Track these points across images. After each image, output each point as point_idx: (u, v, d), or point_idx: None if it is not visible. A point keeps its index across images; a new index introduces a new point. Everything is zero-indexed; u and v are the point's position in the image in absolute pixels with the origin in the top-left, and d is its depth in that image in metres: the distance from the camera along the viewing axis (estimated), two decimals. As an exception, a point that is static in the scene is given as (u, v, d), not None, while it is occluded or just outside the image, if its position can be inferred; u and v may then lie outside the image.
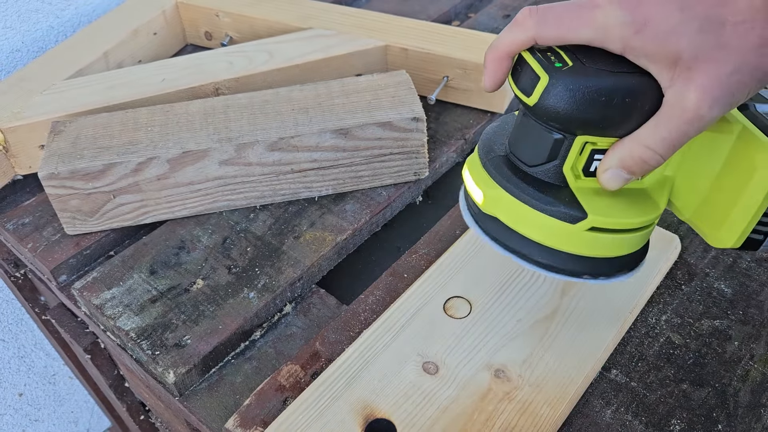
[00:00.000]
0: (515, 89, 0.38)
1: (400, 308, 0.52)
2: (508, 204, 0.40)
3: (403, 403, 0.46)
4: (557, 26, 0.36)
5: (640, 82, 0.35)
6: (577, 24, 0.35)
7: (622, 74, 0.35)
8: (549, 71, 0.35)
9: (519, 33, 0.37)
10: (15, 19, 0.79)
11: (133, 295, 0.56)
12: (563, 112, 0.36)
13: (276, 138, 0.59)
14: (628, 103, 0.35)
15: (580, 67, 0.35)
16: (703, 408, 0.47)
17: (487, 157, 0.42)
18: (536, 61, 0.36)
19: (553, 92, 0.35)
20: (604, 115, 0.35)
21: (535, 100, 0.36)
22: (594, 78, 0.35)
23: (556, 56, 0.36)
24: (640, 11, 0.34)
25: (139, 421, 0.80)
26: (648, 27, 0.34)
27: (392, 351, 0.49)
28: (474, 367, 0.48)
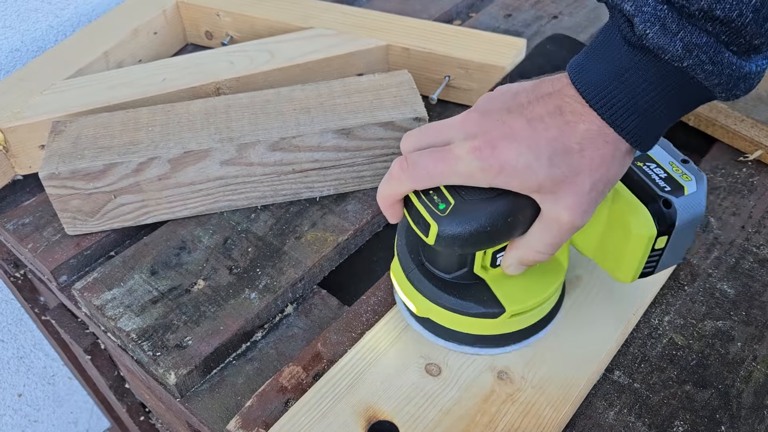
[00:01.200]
0: (414, 227, 0.43)
1: (399, 314, 0.52)
2: (438, 311, 0.47)
3: (406, 405, 0.46)
4: (429, 178, 0.40)
5: (514, 202, 0.40)
6: (445, 174, 0.40)
7: (498, 199, 0.40)
8: (435, 218, 0.40)
9: (396, 186, 0.42)
10: (14, 18, 0.78)
11: (134, 295, 0.56)
12: (458, 245, 0.41)
13: (277, 138, 0.58)
14: (510, 221, 0.40)
15: (461, 204, 0.40)
16: (706, 409, 0.47)
17: (408, 268, 0.48)
18: (422, 206, 0.41)
19: (444, 235, 0.40)
20: (492, 236, 0.40)
21: (432, 241, 0.41)
22: (474, 213, 0.39)
23: (439, 195, 0.41)
24: (495, 158, 0.38)
25: (139, 422, 0.80)
26: (505, 169, 0.38)
27: (395, 353, 0.49)
28: (477, 369, 0.48)
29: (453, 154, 0.39)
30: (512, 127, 0.38)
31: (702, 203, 0.43)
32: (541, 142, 0.37)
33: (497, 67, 0.68)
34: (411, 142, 0.42)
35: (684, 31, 0.34)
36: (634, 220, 0.42)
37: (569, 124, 0.37)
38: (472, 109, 0.41)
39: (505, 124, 0.38)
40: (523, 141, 0.38)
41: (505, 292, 0.46)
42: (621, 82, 0.36)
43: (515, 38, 0.71)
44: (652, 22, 0.34)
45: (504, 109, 0.39)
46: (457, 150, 0.39)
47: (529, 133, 0.38)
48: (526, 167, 0.38)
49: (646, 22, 0.34)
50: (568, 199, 0.39)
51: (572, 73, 0.38)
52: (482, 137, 0.38)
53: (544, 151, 0.37)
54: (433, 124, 0.42)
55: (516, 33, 0.83)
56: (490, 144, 0.38)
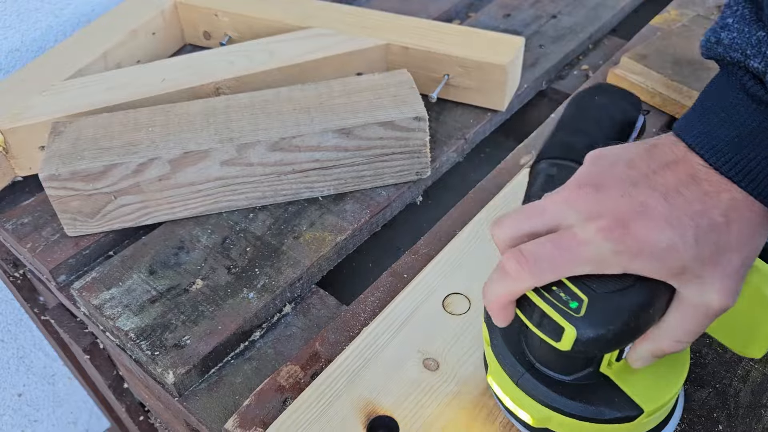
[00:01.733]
0: (537, 332, 0.37)
1: (399, 306, 0.52)
2: (561, 420, 0.41)
3: (405, 399, 0.46)
4: (552, 271, 0.34)
5: (653, 291, 0.35)
6: (571, 265, 0.34)
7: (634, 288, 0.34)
8: (571, 321, 0.34)
9: (513, 285, 0.36)
10: (14, 18, 0.78)
11: (133, 295, 0.56)
12: (599, 348, 0.35)
13: (277, 138, 0.58)
14: (651, 313, 0.35)
15: (597, 301, 0.34)
16: (703, 408, 0.47)
17: (517, 377, 0.41)
18: (550, 306, 0.35)
19: (584, 339, 0.34)
20: (635, 332, 0.35)
21: (567, 347, 0.35)
22: (615, 309, 0.34)
23: (565, 291, 0.35)
24: (630, 238, 0.33)
25: (139, 422, 0.80)
26: (644, 252, 0.33)
27: (393, 348, 0.49)
28: (474, 363, 0.48)
29: (578, 239, 0.34)
30: (645, 202, 0.33)
31: None
32: (684, 218, 0.33)
33: (496, 66, 0.68)
34: (508, 231, 0.37)
35: None
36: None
37: (710, 195, 0.33)
38: (580, 183, 0.36)
39: (635, 199, 0.33)
40: (662, 218, 0.33)
41: (635, 390, 0.40)
42: (755, 145, 0.33)
43: (514, 37, 0.71)
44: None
45: (626, 181, 0.34)
46: (581, 233, 0.34)
47: (666, 209, 0.33)
48: (670, 248, 0.33)
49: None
50: (718, 281, 0.33)
51: (690, 139, 0.34)
52: (609, 216, 0.33)
53: (689, 228, 0.33)
54: (529, 206, 0.37)
55: (515, 32, 0.84)
56: (621, 223, 0.33)
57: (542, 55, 0.80)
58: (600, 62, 0.82)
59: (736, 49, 0.34)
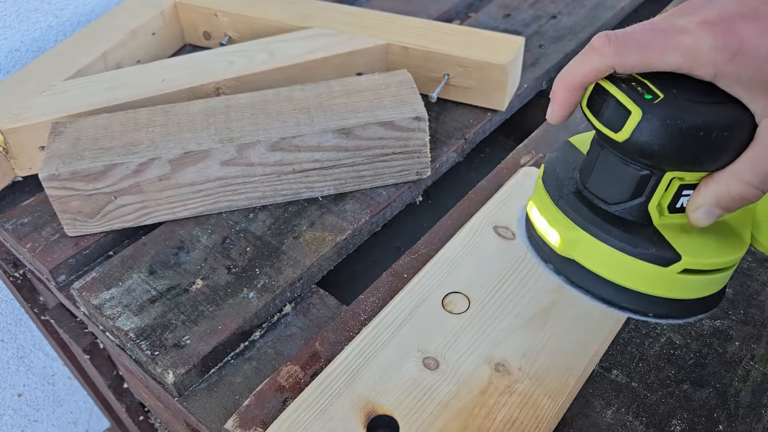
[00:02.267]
0: (597, 124, 0.35)
1: (398, 305, 0.52)
2: (590, 247, 0.37)
3: (405, 398, 0.46)
4: (640, 52, 0.33)
5: (736, 114, 0.33)
6: (662, 49, 0.32)
7: (718, 105, 0.32)
8: (641, 105, 0.32)
9: (597, 61, 0.34)
10: (14, 18, 0.78)
11: (133, 295, 0.56)
12: (658, 149, 0.33)
13: (277, 138, 0.58)
14: (725, 137, 0.33)
15: (673, 100, 0.32)
16: (703, 408, 0.47)
17: (559, 194, 0.39)
18: (622, 92, 0.33)
19: (647, 128, 0.32)
20: (701, 150, 0.33)
21: (626, 136, 0.33)
22: (690, 111, 0.32)
23: (642, 86, 0.33)
24: (733, 36, 0.31)
25: (139, 422, 0.80)
26: (742, 52, 0.31)
27: (392, 348, 0.49)
28: (474, 362, 0.48)
29: (676, 26, 0.32)
30: (757, 8, 0.31)
31: None
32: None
33: (496, 66, 0.68)
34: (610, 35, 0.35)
35: None
36: None
37: None
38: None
39: (746, 4, 0.32)
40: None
41: (679, 242, 0.36)
42: None
43: (514, 37, 0.71)
44: None
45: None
46: (681, 21, 0.32)
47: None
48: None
49: None
50: None
51: None
52: (716, 13, 0.32)
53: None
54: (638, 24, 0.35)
55: (515, 32, 0.84)
56: (727, 20, 0.31)
57: (542, 55, 0.80)
58: (600, 62, 0.82)
59: None
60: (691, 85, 0.33)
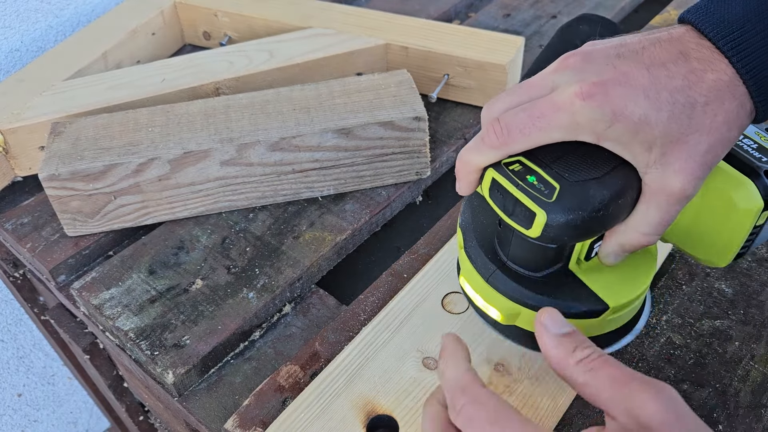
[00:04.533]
0: (506, 218, 0.37)
1: (398, 305, 0.52)
2: (529, 315, 0.41)
3: (405, 398, 0.46)
4: (525, 140, 0.35)
5: (626, 177, 0.35)
6: (544, 128, 0.34)
7: (608, 175, 0.35)
8: (542, 206, 0.35)
9: (488, 152, 0.36)
10: (14, 18, 0.78)
11: (132, 295, 0.56)
12: (567, 237, 0.36)
13: (277, 138, 0.58)
14: (621, 203, 0.36)
15: (568, 188, 0.35)
16: (703, 408, 0.47)
17: (487, 271, 0.42)
18: (521, 192, 0.35)
19: (554, 226, 0.35)
20: (603, 223, 0.36)
21: (537, 233, 0.36)
22: (586, 196, 0.35)
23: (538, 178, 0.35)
24: (608, 104, 0.33)
25: (138, 422, 0.80)
26: (618, 119, 0.33)
27: (392, 347, 0.50)
28: (474, 362, 0.48)
29: (553, 104, 0.34)
30: (627, 73, 0.33)
31: None
32: (663, 92, 0.33)
33: (496, 65, 0.68)
34: (497, 107, 0.37)
35: None
36: (739, 195, 0.38)
37: (695, 72, 0.33)
38: (569, 54, 0.35)
39: (618, 69, 0.33)
40: (641, 89, 0.33)
41: (602, 287, 0.41)
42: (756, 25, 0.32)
43: (514, 36, 0.71)
44: None
45: (612, 53, 0.34)
46: (558, 97, 0.34)
47: (648, 81, 0.33)
48: (643, 119, 0.33)
49: None
50: (680, 161, 0.33)
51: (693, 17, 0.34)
52: (590, 81, 0.33)
53: (665, 102, 0.32)
54: (523, 83, 0.36)
55: (515, 32, 0.84)
56: (601, 88, 0.33)
57: (542, 55, 0.80)
58: (600, 62, 0.82)
59: None
60: (579, 154, 0.36)
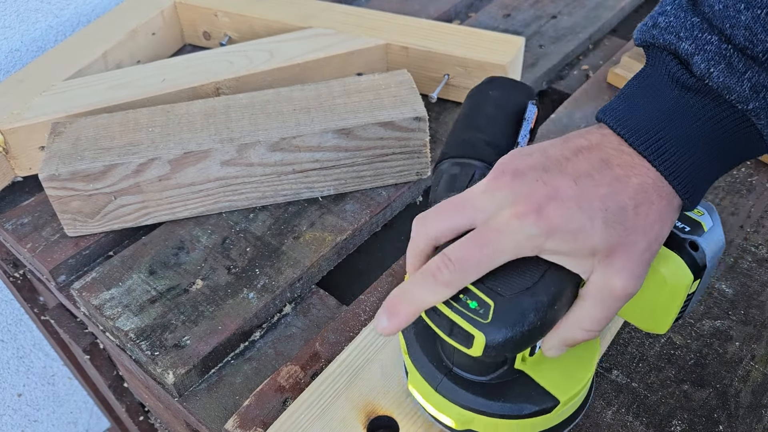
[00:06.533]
0: (447, 339, 0.37)
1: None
2: (483, 420, 0.42)
3: (405, 399, 0.46)
4: (475, 270, 0.35)
5: (559, 282, 0.36)
6: (491, 257, 0.35)
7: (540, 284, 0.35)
8: (480, 328, 0.35)
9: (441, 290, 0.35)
10: (14, 18, 0.78)
11: (133, 295, 0.56)
12: (509, 351, 0.36)
13: (278, 138, 0.58)
14: (557, 308, 0.36)
15: (502, 304, 0.35)
16: (704, 409, 0.47)
17: (435, 380, 0.42)
18: (459, 316, 0.35)
19: (493, 344, 0.35)
20: (542, 329, 0.36)
21: (479, 353, 0.36)
22: (520, 310, 0.35)
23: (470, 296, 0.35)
24: (543, 220, 0.34)
25: (139, 422, 0.80)
26: (556, 233, 0.34)
27: (393, 348, 0.49)
28: None
29: (494, 230, 0.34)
30: (556, 186, 0.34)
31: (721, 235, 0.40)
32: (593, 201, 0.34)
33: (496, 66, 0.68)
34: (432, 227, 0.37)
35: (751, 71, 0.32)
36: (669, 272, 0.39)
37: (620, 179, 0.34)
38: (497, 174, 0.36)
39: (547, 184, 0.34)
40: (572, 201, 0.34)
41: (550, 381, 0.42)
42: (672, 127, 0.34)
43: (514, 36, 0.71)
44: (717, 61, 0.33)
45: (539, 167, 0.35)
46: (496, 223, 0.34)
47: (576, 192, 0.34)
48: (579, 230, 0.33)
49: (709, 60, 0.33)
50: (621, 262, 0.34)
51: (610, 121, 0.35)
52: (523, 202, 0.34)
53: (598, 210, 0.34)
54: (449, 201, 0.37)
55: (515, 33, 0.84)
56: (534, 207, 0.34)
57: (542, 55, 0.80)
58: (600, 62, 0.82)
59: (671, 31, 0.35)
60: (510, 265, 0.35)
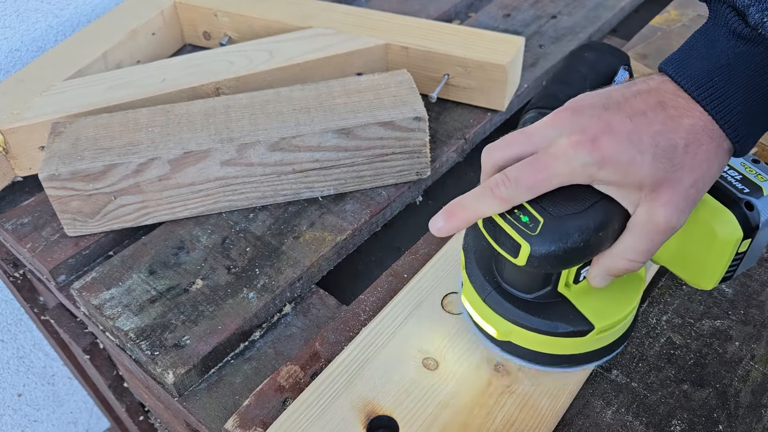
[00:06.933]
0: (497, 247, 0.41)
1: (398, 305, 0.52)
2: (522, 333, 0.45)
3: (405, 399, 0.46)
4: (530, 191, 0.38)
5: (606, 212, 0.39)
6: (546, 180, 0.38)
7: (590, 210, 0.38)
8: (527, 238, 0.38)
9: (496, 205, 0.39)
10: (14, 18, 0.78)
11: (132, 295, 0.56)
12: (551, 266, 0.39)
13: (277, 138, 0.58)
14: (601, 236, 0.39)
15: (551, 222, 0.38)
16: (703, 408, 0.47)
17: (485, 292, 0.46)
18: (509, 226, 0.39)
19: (537, 256, 0.38)
20: (585, 252, 0.39)
21: (522, 262, 0.39)
22: (568, 231, 0.38)
23: (524, 213, 0.39)
24: (597, 151, 0.37)
25: (139, 422, 0.80)
26: (608, 163, 0.37)
27: (392, 348, 0.50)
28: (474, 362, 0.48)
29: (551, 155, 0.38)
30: (611, 121, 0.37)
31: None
32: (645, 136, 0.36)
33: (496, 65, 0.68)
34: (498, 155, 0.40)
35: None
36: (719, 225, 0.41)
37: (673, 119, 0.37)
38: (561, 110, 0.40)
39: (603, 119, 0.37)
40: (625, 135, 0.36)
41: (590, 309, 0.44)
42: (727, 75, 0.36)
43: (514, 36, 0.71)
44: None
45: (599, 106, 0.38)
46: (554, 149, 0.38)
47: (630, 127, 0.37)
48: (630, 162, 0.36)
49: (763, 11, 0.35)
50: (666, 196, 0.37)
51: (670, 69, 0.38)
52: (580, 132, 0.37)
53: (648, 145, 0.36)
54: (518, 132, 0.40)
55: (515, 33, 0.84)
56: (590, 138, 0.37)
57: (542, 55, 0.80)
58: (600, 62, 0.82)
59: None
60: (566, 190, 0.39)
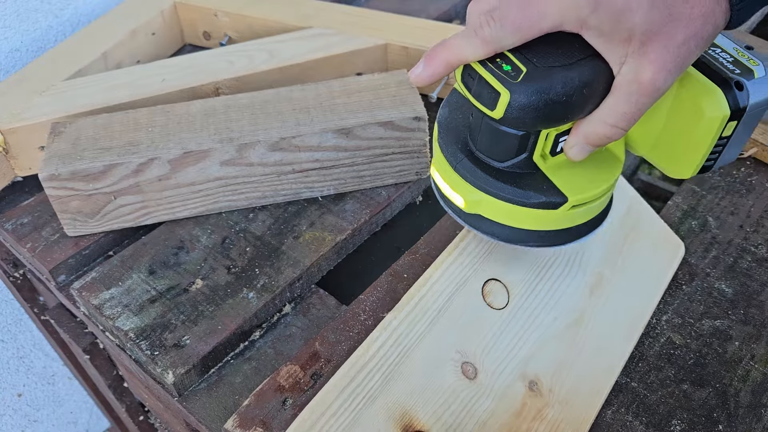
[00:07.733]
0: (473, 100, 0.38)
1: (433, 290, 0.49)
2: (491, 204, 0.43)
3: (443, 413, 0.45)
4: (517, 31, 0.36)
5: (593, 70, 0.36)
6: (534, 20, 0.35)
7: (576, 65, 0.36)
8: (507, 85, 0.36)
9: (480, 46, 0.37)
10: (14, 18, 0.78)
11: (132, 295, 0.56)
12: (529, 120, 0.37)
13: (277, 138, 0.58)
14: (585, 94, 0.36)
15: (535, 72, 0.36)
16: (703, 408, 0.47)
17: (456, 160, 0.43)
18: (489, 72, 0.37)
19: (516, 106, 0.36)
20: (567, 111, 0.37)
21: (500, 114, 0.37)
22: (551, 81, 0.36)
23: (506, 61, 0.36)
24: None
25: (138, 422, 0.80)
26: (602, 5, 0.34)
27: (429, 342, 0.47)
28: (510, 376, 0.47)
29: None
30: None
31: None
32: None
33: (496, 67, 0.68)
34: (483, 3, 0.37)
35: None
36: (707, 101, 0.39)
37: None
38: None
39: None
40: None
41: (564, 182, 0.42)
42: None
43: (514, 38, 0.71)
44: None
45: None
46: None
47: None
48: (625, 6, 0.34)
49: None
50: (655, 51, 0.34)
51: None
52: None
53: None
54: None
55: (515, 33, 0.83)
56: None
57: (542, 55, 0.80)
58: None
59: None
60: (551, 43, 0.36)
